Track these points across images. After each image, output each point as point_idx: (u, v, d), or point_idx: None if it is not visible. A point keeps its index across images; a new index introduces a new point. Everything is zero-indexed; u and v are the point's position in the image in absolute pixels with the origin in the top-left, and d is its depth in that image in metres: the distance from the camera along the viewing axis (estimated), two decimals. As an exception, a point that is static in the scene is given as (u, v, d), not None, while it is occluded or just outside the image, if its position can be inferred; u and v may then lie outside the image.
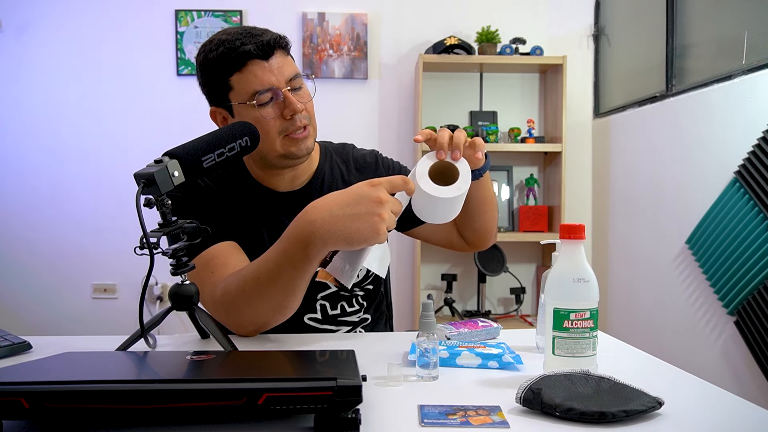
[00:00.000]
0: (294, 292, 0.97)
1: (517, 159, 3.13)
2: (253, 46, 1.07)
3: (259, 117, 1.09)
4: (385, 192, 0.87)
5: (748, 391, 1.90)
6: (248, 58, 1.08)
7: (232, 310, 1.01)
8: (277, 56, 1.10)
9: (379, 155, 1.35)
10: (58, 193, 3.04)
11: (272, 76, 1.08)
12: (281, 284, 0.95)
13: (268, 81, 1.08)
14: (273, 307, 0.98)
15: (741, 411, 0.71)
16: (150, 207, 0.88)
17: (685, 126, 2.27)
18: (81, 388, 0.61)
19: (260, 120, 1.09)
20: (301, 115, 1.12)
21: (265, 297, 0.97)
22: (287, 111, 1.10)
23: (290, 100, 1.09)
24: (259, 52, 1.07)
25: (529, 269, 3.15)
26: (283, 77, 1.09)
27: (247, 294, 0.97)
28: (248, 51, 1.07)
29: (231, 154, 0.96)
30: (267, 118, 1.09)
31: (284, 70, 1.10)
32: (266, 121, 1.09)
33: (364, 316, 1.27)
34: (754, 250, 1.84)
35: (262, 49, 1.08)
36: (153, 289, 3.04)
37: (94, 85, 3.03)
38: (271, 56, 1.09)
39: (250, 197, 1.20)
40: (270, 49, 1.09)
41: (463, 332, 1.04)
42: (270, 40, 1.09)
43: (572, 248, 0.79)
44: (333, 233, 0.87)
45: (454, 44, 2.87)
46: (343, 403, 0.60)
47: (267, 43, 1.08)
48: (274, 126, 1.10)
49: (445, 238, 1.34)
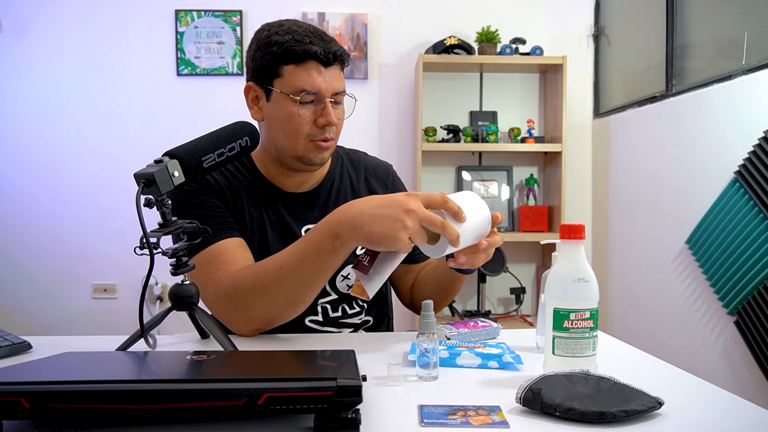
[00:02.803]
0: (313, 285, 0.98)
1: (517, 159, 3.13)
2: (321, 49, 1.11)
3: (294, 113, 1.12)
4: (417, 203, 0.87)
5: (748, 391, 1.90)
6: (310, 58, 1.11)
7: (241, 303, 1.01)
8: (335, 68, 1.15)
9: (392, 169, 1.38)
10: (58, 192, 3.04)
11: (323, 83, 1.12)
12: (304, 275, 0.96)
13: (318, 86, 1.12)
14: (289, 300, 0.99)
15: (741, 411, 0.71)
16: (150, 207, 0.88)
17: (685, 126, 2.27)
18: (81, 388, 0.61)
19: (294, 117, 1.12)
20: (332, 129, 1.15)
21: (283, 288, 0.97)
22: (322, 120, 1.13)
23: (329, 111, 1.13)
24: (322, 57, 1.11)
25: (529, 269, 3.15)
26: (332, 89, 1.13)
27: (266, 285, 0.98)
28: (314, 52, 1.10)
29: (231, 154, 0.97)
30: (303, 118, 1.12)
31: (335, 82, 1.14)
32: (300, 120, 1.12)
33: (366, 318, 1.27)
34: (754, 250, 1.84)
35: (326, 55, 1.12)
36: (153, 289, 3.03)
37: (95, 85, 3.03)
38: (330, 65, 1.13)
39: (258, 194, 1.21)
40: (333, 59, 1.13)
41: (463, 332, 1.04)
42: (336, 51, 1.13)
43: (572, 248, 0.79)
44: (358, 228, 0.89)
45: (454, 44, 2.87)
46: (343, 403, 0.60)
47: (333, 52, 1.13)
48: (304, 127, 1.13)
49: (399, 288, 1.37)
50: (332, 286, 1.21)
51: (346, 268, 1.21)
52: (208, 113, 2.89)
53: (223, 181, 1.18)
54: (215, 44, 3.03)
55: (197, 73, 3.04)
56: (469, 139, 2.92)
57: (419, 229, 0.86)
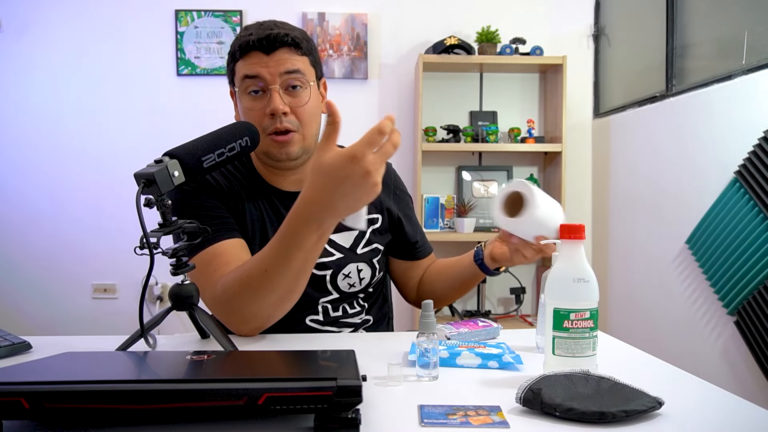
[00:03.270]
0: (305, 274, 0.97)
1: (517, 159, 3.13)
2: (256, 37, 1.10)
3: (247, 108, 1.12)
4: (368, 161, 0.83)
5: (748, 391, 1.89)
6: (251, 48, 1.10)
7: (235, 306, 1.01)
8: (281, 53, 1.11)
9: (392, 169, 1.35)
10: (58, 192, 3.04)
11: (264, 68, 1.10)
12: (292, 270, 0.94)
13: (258, 71, 1.10)
14: (282, 295, 0.98)
15: (741, 411, 0.71)
16: (150, 207, 0.88)
17: (685, 126, 2.27)
18: (81, 388, 0.61)
19: (247, 111, 1.13)
20: (286, 119, 1.11)
21: (274, 286, 0.96)
22: (268, 108, 1.10)
23: (272, 98, 1.10)
24: (261, 45, 1.09)
25: (529, 269, 3.15)
26: (276, 72, 1.10)
27: (254, 287, 0.97)
28: (252, 41, 1.10)
29: (231, 154, 0.97)
30: (249, 109, 1.12)
31: (279, 66, 1.10)
32: (250, 113, 1.12)
33: (366, 318, 1.27)
34: (754, 250, 1.84)
35: (260, 41, 1.09)
36: (153, 289, 3.03)
37: (94, 85, 3.03)
38: (273, 51, 1.10)
39: (257, 194, 1.20)
40: (271, 43, 1.10)
41: (463, 332, 1.04)
42: (276, 35, 1.10)
43: (572, 248, 0.79)
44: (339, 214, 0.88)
45: (454, 44, 2.87)
46: (343, 403, 0.60)
47: (271, 36, 1.10)
48: (256, 120, 1.11)
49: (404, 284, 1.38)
50: (334, 285, 1.20)
51: (348, 266, 1.21)
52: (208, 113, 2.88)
53: (223, 182, 1.18)
54: (215, 44, 3.03)
55: (197, 73, 3.04)
56: (469, 139, 2.92)
57: (380, 168, 0.84)
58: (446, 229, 3.01)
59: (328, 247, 1.19)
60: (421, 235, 1.35)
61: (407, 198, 1.35)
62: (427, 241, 1.38)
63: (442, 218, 3.01)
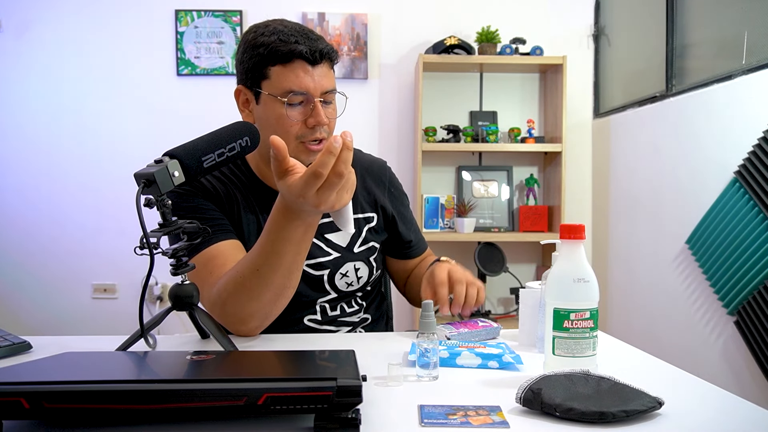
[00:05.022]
0: (296, 269, 0.98)
1: (517, 159, 3.13)
2: (306, 48, 1.09)
3: (283, 115, 1.10)
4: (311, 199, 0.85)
5: (748, 391, 1.89)
6: (296, 57, 1.09)
7: (231, 307, 1.01)
8: (323, 66, 1.12)
9: (387, 166, 1.36)
10: (58, 192, 3.04)
11: (312, 82, 1.10)
12: (284, 266, 0.95)
13: (306, 86, 1.10)
14: (276, 292, 0.98)
15: (741, 411, 0.71)
16: (150, 207, 0.88)
17: (685, 126, 2.27)
18: (81, 388, 0.61)
19: (283, 118, 1.10)
20: (323, 129, 1.13)
21: (267, 284, 0.97)
22: (312, 120, 1.11)
23: (318, 111, 1.10)
24: (308, 56, 1.09)
25: (529, 269, 3.15)
26: (321, 88, 1.11)
27: (248, 287, 0.98)
28: (300, 51, 1.08)
29: (231, 154, 0.96)
30: (292, 119, 1.10)
31: (324, 81, 1.11)
32: (289, 122, 1.11)
33: (364, 316, 1.27)
34: (754, 250, 1.84)
35: (312, 54, 1.09)
36: (153, 289, 3.03)
37: (94, 85, 3.03)
38: (317, 64, 1.11)
39: (254, 198, 1.20)
40: (320, 57, 1.11)
41: (463, 332, 1.04)
42: (323, 49, 1.11)
43: (572, 248, 0.79)
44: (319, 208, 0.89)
45: (454, 44, 2.87)
46: (343, 403, 0.60)
47: (320, 50, 1.10)
48: (294, 129, 1.11)
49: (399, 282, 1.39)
50: (332, 285, 1.21)
51: (345, 266, 1.21)
52: (208, 113, 2.88)
53: (219, 186, 1.18)
54: (215, 44, 3.03)
55: (197, 73, 3.04)
56: (469, 139, 2.92)
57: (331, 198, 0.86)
58: (446, 229, 3.01)
59: (324, 246, 1.20)
60: (415, 233, 1.35)
61: (402, 197, 1.35)
62: (422, 239, 1.38)
63: (442, 218, 3.01)
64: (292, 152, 1.13)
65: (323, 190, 0.85)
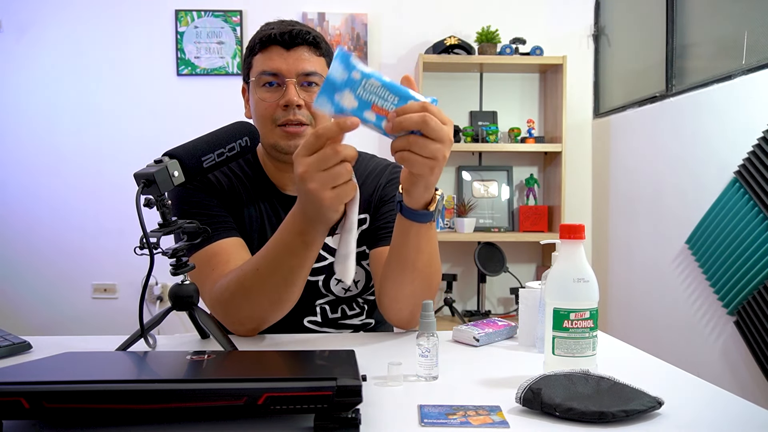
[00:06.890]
0: (294, 282, 0.98)
1: (517, 159, 3.13)
2: (278, 31, 1.11)
3: (259, 98, 1.12)
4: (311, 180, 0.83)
5: (748, 391, 1.89)
6: (271, 43, 1.12)
7: (230, 306, 1.02)
8: (301, 50, 1.13)
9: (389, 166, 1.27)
10: (58, 192, 3.04)
11: (284, 64, 1.11)
12: (281, 275, 0.96)
13: (278, 67, 1.11)
14: (273, 300, 0.99)
15: (741, 411, 0.71)
16: (150, 207, 0.88)
17: (685, 126, 2.27)
18: (81, 388, 0.60)
19: (258, 103, 1.13)
20: (300, 111, 1.11)
21: (265, 290, 0.97)
22: (283, 99, 1.11)
23: (288, 90, 1.11)
24: (280, 39, 1.11)
25: (529, 269, 3.15)
26: (296, 69, 1.11)
27: (246, 288, 0.98)
28: (273, 35, 1.11)
29: (231, 154, 0.96)
30: (263, 100, 1.12)
31: (300, 64, 1.12)
32: (262, 104, 1.12)
33: (367, 321, 1.26)
34: (754, 250, 1.84)
35: (282, 36, 1.11)
36: (153, 289, 3.04)
37: (94, 85, 3.03)
38: (293, 47, 1.12)
39: (258, 195, 1.20)
40: (292, 39, 1.12)
41: (489, 332, 1.04)
42: (294, 31, 1.12)
43: (572, 248, 0.79)
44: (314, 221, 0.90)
45: (454, 44, 2.87)
46: (343, 403, 0.60)
47: (291, 32, 1.11)
48: (268, 111, 1.12)
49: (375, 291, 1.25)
50: (327, 290, 1.20)
51: None
52: (208, 113, 2.88)
53: (224, 181, 1.18)
54: (215, 44, 3.03)
55: (197, 73, 3.04)
56: (469, 139, 2.92)
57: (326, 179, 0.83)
58: (446, 229, 3.01)
59: (321, 251, 1.18)
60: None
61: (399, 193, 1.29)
62: None
63: (442, 218, 3.01)
64: (273, 137, 1.13)
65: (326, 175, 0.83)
